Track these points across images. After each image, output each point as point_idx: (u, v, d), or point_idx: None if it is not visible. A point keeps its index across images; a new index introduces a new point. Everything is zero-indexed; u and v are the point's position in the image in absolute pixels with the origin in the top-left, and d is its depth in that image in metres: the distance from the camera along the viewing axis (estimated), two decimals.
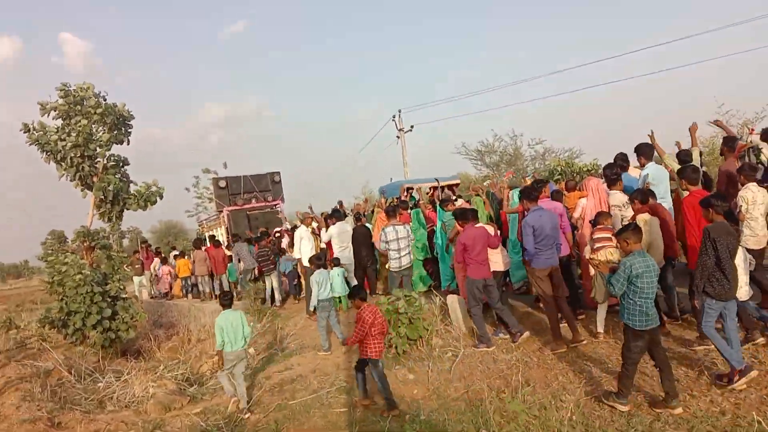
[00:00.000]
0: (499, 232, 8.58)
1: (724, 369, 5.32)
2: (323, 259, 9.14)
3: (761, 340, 5.77)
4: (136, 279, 18.61)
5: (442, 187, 16.31)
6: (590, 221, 7.23)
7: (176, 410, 7.55)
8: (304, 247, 11.10)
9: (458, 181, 17.67)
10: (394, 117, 29.39)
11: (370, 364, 6.33)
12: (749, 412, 4.62)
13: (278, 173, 19.45)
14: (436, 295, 8.96)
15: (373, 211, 13.29)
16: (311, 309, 8.98)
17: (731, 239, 5.13)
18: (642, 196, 6.72)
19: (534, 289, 7.54)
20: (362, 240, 11.12)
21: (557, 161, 21.09)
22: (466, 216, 7.76)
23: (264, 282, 13.08)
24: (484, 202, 10.02)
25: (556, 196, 8.33)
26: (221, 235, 19.11)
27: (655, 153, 7.86)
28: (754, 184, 6.36)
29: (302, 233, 11.30)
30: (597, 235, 6.61)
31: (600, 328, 6.95)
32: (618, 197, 7.29)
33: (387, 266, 10.07)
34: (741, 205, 6.28)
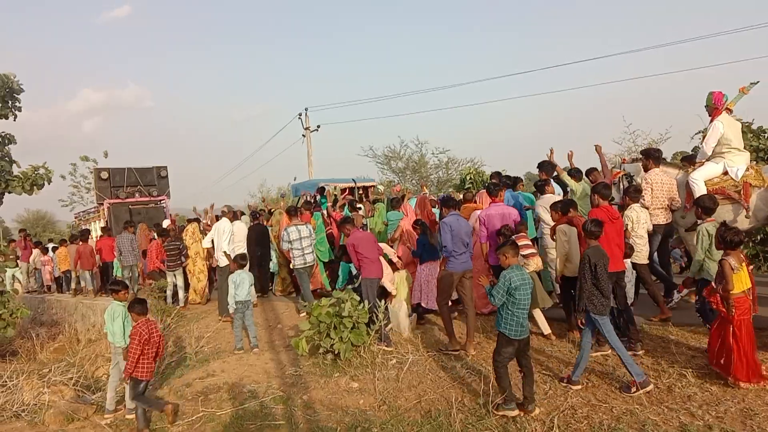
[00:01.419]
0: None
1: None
2: (246, 259, 8.82)
3: (641, 352, 6.23)
4: (9, 271, 16.68)
5: (358, 188, 15.92)
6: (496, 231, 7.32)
7: (81, 421, 6.52)
8: (224, 244, 10.25)
9: (375, 183, 17.36)
10: (300, 115, 28.60)
11: (131, 382, 6.16)
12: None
13: (165, 168, 18.74)
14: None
15: (271, 211, 13.09)
16: (230, 310, 8.36)
17: (605, 261, 5.56)
18: (562, 207, 6.91)
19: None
20: (258, 239, 11.08)
21: (468, 170, 21.31)
22: (348, 221, 8.48)
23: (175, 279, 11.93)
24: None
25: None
26: (95, 230, 18.05)
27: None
28: (638, 204, 6.97)
29: (225, 227, 10.43)
30: (521, 242, 6.79)
31: (547, 329, 7.14)
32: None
33: (291, 265, 9.77)
34: (627, 224, 6.85)
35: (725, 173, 7.24)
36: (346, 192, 15.62)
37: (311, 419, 5.81)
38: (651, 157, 7.58)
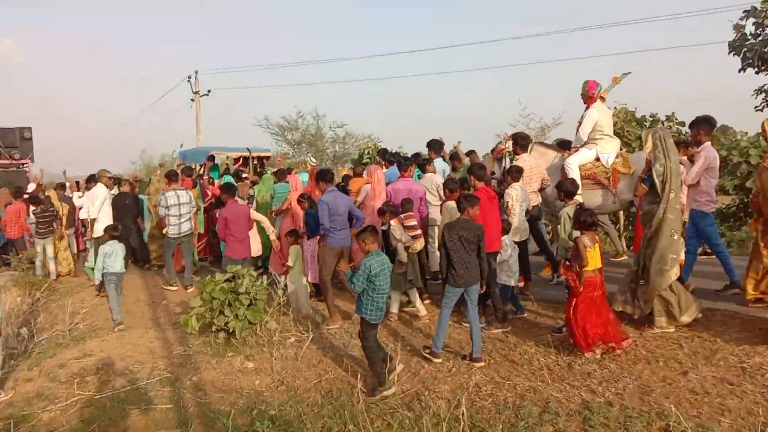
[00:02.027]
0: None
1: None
2: (118, 230, 8.26)
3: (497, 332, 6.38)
4: None
5: (253, 158, 15.27)
6: (383, 208, 7.22)
7: None
8: (103, 212, 9.43)
9: (270, 153, 16.73)
10: (189, 78, 27.15)
11: None
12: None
13: (29, 129, 16.91)
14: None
15: (150, 180, 12.54)
16: (96, 281, 7.86)
17: (466, 233, 5.56)
18: (451, 185, 6.95)
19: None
20: (125, 209, 10.54)
21: (366, 145, 21.12)
22: (230, 191, 8.21)
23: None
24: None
25: (345, 179, 8.96)
26: None
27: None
28: (519, 183, 7.01)
29: (100, 193, 9.58)
30: (408, 223, 6.80)
31: (423, 312, 7.12)
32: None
33: (164, 231, 9.35)
34: (507, 201, 6.93)
35: (597, 159, 7.55)
36: (239, 161, 14.95)
37: (202, 402, 5.40)
38: (517, 143, 7.70)
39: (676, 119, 15.24)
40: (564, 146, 8.66)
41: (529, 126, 22.73)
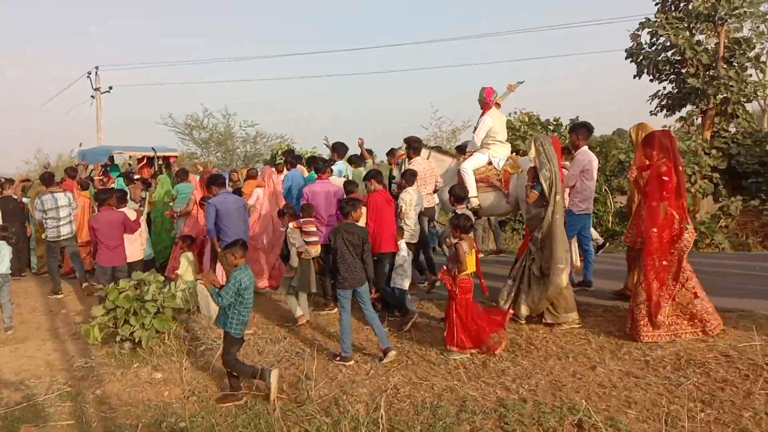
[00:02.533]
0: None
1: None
2: (7, 230, 7.74)
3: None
4: None
5: (158, 157, 14.67)
6: (283, 209, 7.20)
7: None
8: None
9: (177, 153, 16.11)
10: (89, 74, 25.79)
11: None
12: None
13: None
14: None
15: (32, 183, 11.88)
16: None
17: (350, 237, 5.70)
18: (350, 187, 6.98)
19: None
20: (11, 215, 9.93)
21: (278, 146, 20.76)
22: (102, 197, 7.73)
23: None
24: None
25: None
26: None
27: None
28: (413, 187, 7.15)
29: None
30: (306, 228, 6.80)
31: (299, 313, 6.97)
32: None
33: (43, 236, 9.03)
34: (401, 206, 7.03)
35: (490, 163, 7.83)
36: (144, 162, 14.31)
37: (107, 416, 5.09)
38: (410, 147, 7.83)
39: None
40: (462, 150, 8.92)
41: (441, 129, 23.19)
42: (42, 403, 5.34)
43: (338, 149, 8.70)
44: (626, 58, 17.58)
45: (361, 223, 6.27)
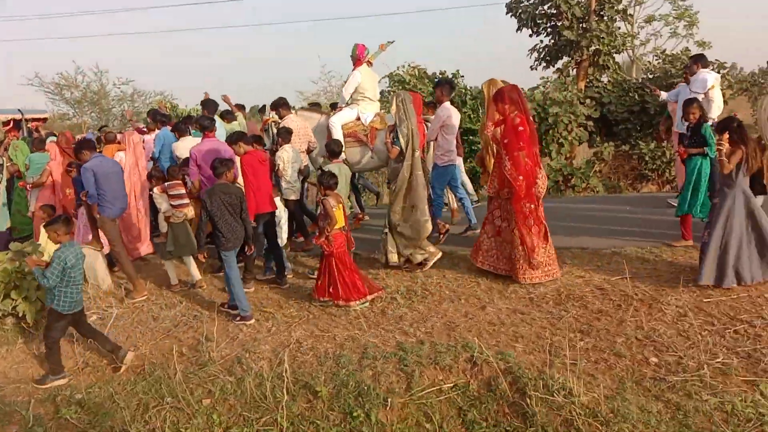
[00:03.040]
0: None
1: None
2: None
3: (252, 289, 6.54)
4: None
5: (26, 120, 13.57)
6: (151, 173, 7.21)
7: None
8: None
9: (47, 115, 14.99)
10: None
11: None
12: None
13: None
14: None
15: None
16: None
17: (228, 197, 5.65)
18: (243, 137, 6.90)
19: None
20: None
21: (159, 102, 19.66)
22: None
23: None
24: None
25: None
26: None
27: None
28: (289, 145, 7.25)
29: None
30: (173, 192, 6.68)
31: (198, 277, 6.88)
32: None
33: None
34: (279, 164, 7.13)
35: (358, 119, 8.03)
36: (10, 125, 13.20)
37: None
38: (280, 105, 7.94)
39: (462, 75, 16.35)
40: (335, 108, 8.98)
41: (331, 83, 22.98)
42: None
43: (208, 106, 8.43)
44: (507, 13, 18.11)
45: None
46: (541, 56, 18.61)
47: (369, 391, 4.31)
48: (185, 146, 7.23)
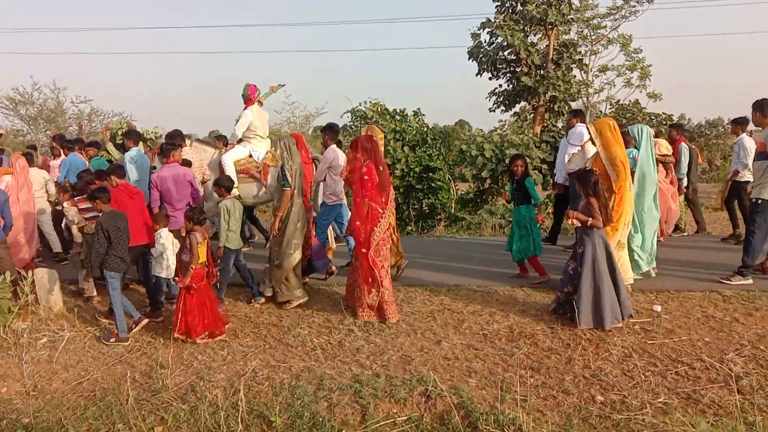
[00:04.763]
0: None
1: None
2: None
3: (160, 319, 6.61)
4: None
5: None
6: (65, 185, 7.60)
7: None
8: None
9: (2, 131, 14.70)
10: None
11: None
12: None
13: None
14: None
15: None
16: None
17: (122, 223, 6.02)
18: (116, 171, 7.07)
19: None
20: None
21: (118, 123, 19.41)
22: None
23: None
24: None
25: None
26: None
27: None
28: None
29: None
30: (82, 206, 6.85)
31: (93, 292, 7.24)
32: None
33: None
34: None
35: (251, 156, 8.37)
36: None
37: None
38: (176, 137, 8.21)
39: (423, 114, 16.74)
40: (222, 139, 9.62)
41: (294, 114, 23.16)
42: None
43: (131, 136, 8.59)
44: (469, 58, 18.71)
45: None
46: (500, 100, 19.22)
47: (324, 422, 4.34)
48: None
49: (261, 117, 8.41)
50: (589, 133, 6.63)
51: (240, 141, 8.35)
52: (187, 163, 7.74)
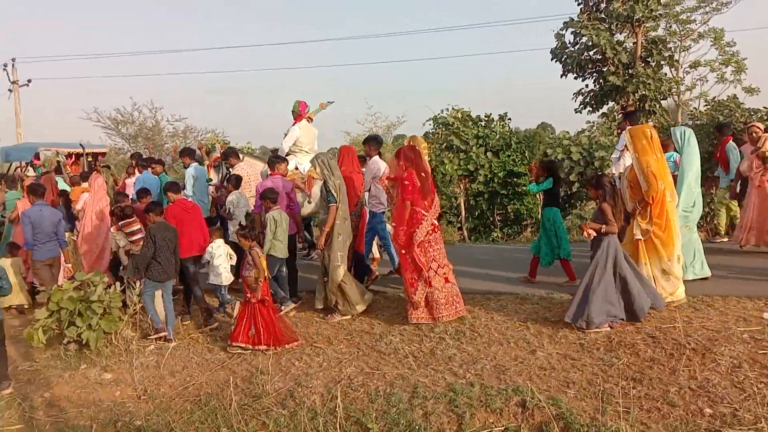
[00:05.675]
0: None
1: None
2: None
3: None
4: None
5: (87, 154, 14.24)
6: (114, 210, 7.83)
7: None
8: None
9: (106, 149, 15.68)
10: (5, 67, 24.60)
11: None
12: None
13: None
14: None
15: None
16: None
17: (169, 235, 6.51)
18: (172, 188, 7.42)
19: None
20: None
21: (213, 140, 20.39)
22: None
23: None
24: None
25: None
26: None
27: None
28: (239, 191, 8.09)
29: None
30: (128, 230, 7.42)
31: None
32: None
33: None
34: (229, 207, 7.95)
35: (297, 168, 8.57)
36: (73, 158, 13.87)
37: (58, 419, 5.06)
38: (229, 155, 8.85)
39: (509, 118, 16.53)
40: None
41: (376, 124, 23.47)
42: None
43: (187, 153, 9.26)
44: (552, 59, 18.28)
45: None
46: (586, 100, 18.67)
47: (420, 430, 4.37)
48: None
49: (309, 133, 8.77)
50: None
51: (287, 155, 8.65)
52: (239, 178, 8.21)
